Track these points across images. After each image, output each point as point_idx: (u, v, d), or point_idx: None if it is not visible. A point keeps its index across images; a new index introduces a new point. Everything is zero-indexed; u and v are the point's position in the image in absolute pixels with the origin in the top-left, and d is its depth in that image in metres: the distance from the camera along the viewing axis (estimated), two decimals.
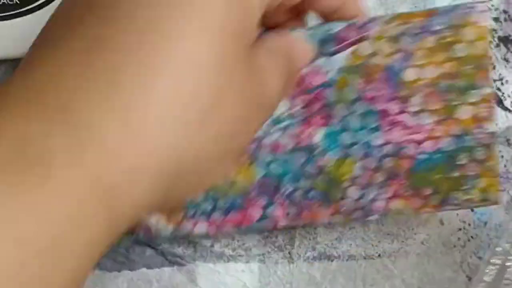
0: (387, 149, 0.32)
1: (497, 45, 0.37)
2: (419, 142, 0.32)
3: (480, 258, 0.36)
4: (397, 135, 0.32)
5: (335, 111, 0.32)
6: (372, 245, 0.37)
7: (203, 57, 0.20)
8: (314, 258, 0.37)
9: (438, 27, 0.31)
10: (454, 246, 0.36)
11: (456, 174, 0.32)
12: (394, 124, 0.32)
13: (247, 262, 0.36)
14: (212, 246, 0.37)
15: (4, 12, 0.32)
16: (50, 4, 0.32)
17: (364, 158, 0.33)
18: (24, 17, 0.32)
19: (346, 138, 0.32)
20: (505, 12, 0.38)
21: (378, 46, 0.31)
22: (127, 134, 0.19)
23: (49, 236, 0.17)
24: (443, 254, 0.36)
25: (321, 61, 0.32)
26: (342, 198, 0.33)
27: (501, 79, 0.37)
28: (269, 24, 0.30)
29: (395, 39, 0.31)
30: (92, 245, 0.19)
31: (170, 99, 0.20)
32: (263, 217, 0.34)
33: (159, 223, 0.34)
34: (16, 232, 0.17)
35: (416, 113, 0.32)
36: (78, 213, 0.18)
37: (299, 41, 0.30)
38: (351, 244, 0.37)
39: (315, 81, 0.32)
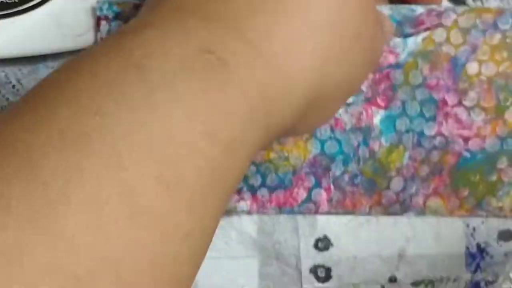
0: (437, 141, 0.32)
1: None
2: (467, 139, 0.32)
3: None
4: (449, 128, 0.32)
5: (398, 94, 0.31)
6: None
7: None
8: None
9: (505, 26, 0.31)
10: None
11: (493, 178, 0.33)
12: (448, 116, 0.32)
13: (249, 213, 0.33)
14: None
15: (2, 11, 0.31)
16: (49, 2, 0.31)
17: (414, 148, 0.32)
18: (23, 15, 0.31)
19: (402, 124, 0.31)
20: None
21: (450, 35, 0.31)
22: (289, 53, 0.21)
23: (230, 134, 0.18)
24: None
25: (396, 41, 0.30)
26: (386, 188, 0.32)
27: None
28: None
29: (465, 31, 0.31)
30: (253, 149, 0.20)
31: (325, 28, 0.22)
32: (306, 200, 0.31)
33: None
34: (206, 127, 0.18)
35: (470, 108, 0.32)
36: (250, 116, 0.19)
37: (386, 17, 0.29)
38: None
39: (387, 60, 0.31)
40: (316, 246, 0.33)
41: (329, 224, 0.32)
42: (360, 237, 0.33)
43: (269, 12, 0.21)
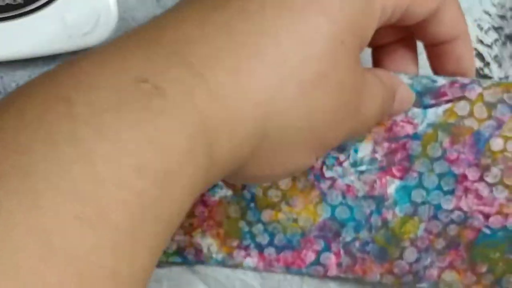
0: (455, 215, 0.31)
1: (504, 43, 0.36)
2: (487, 216, 0.31)
3: None
4: (468, 203, 0.31)
5: (415, 166, 0.31)
6: None
7: (322, 31, 0.21)
8: None
9: None
10: None
11: None
12: (468, 191, 0.31)
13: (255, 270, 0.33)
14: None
15: (8, 12, 0.31)
16: (53, 4, 0.31)
17: (430, 220, 0.31)
18: (28, 17, 0.31)
19: (418, 195, 0.31)
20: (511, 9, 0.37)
21: (473, 109, 0.30)
22: (236, 84, 0.20)
23: (164, 166, 0.18)
24: None
25: (415, 111, 0.30)
26: (398, 258, 0.31)
27: (507, 77, 0.36)
28: (376, 43, 0.29)
29: (491, 105, 0.30)
30: (193, 184, 0.19)
31: (280, 62, 0.21)
32: (315, 262, 0.31)
33: (211, 248, 0.31)
34: (135, 160, 0.17)
35: (492, 184, 0.31)
36: (187, 147, 0.18)
37: (404, 85, 0.29)
38: None
39: (404, 130, 0.30)
40: None
41: (335, 285, 0.32)
42: None
43: (216, 39, 0.20)
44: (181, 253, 0.32)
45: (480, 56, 0.32)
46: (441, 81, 0.30)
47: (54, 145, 0.17)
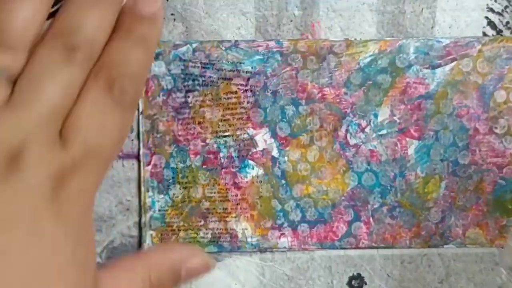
0: (472, 170, 0.32)
1: None
2: (501, 167, 0.32)
3: None
4: (482, 156, 0.32)
5: (430, 124, 0.31)
6: None
7: None
8: None
9: None
10: None
11: None
12: (481, 144, 0.32)
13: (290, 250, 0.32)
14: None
15: None
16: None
17: (449, 177, 0.32)
18: None
19: (436, 153, 0.32)
20: None
21: (476, 64, 0.31)
22: None
23: None
24: None
25: (425, 72, 0.31)
26: (424, 220, 0.32)
27: None
28: None
29: (490, 60, 0.32)
30: None
31: None
32: (347, 234, 0.31)
33: (246, 232, 0.30)
34: None
35: (502, 135, 0.32)
36: None
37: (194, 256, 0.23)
38: None
39: (417, 91, 0.31)
40: (350, 284, 0.32)
41: (363, 263, 0.32)
42: (393, 276, 0.32)
43: None
44: (216, 242, 0.31)
45: (491, 24, 0.34)
46: (445, 41, 0.31)
47: None
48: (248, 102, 0.31)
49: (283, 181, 0.31)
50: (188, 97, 0.31)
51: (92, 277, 0.19)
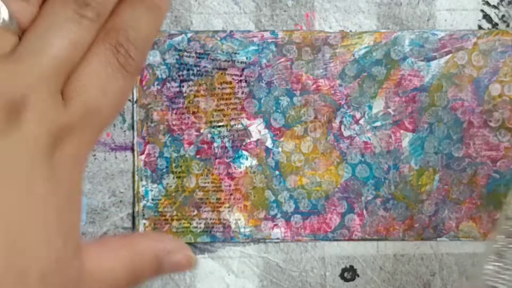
0: (466, 163, 0.32)
1: (510, 3, 0.32)
2: (495, 160, 0.32)
3: None
4: (476, 149, 0.32)
5: (424, 117, 0.31)
6: None
7: None
8: None
9: None
10: None
11: None
12: (475, 137, 0.32)
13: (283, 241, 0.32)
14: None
15: None
16: None
17: (443, 170, 0.32)
18: None
19: (430, 146, 0.32)
20: None
21: (471, 57, 0.31)
22: None
23: None
24: None
25: (420, 65, 0.31)
26: (418, 213, 0.32)
27: None
28: None
29: (486, 53, 0.32)
30: None
31: None
32: (340, 226, 0.31)
33: (239, 222, 0.30)
34: None
35: (496, 129, 0.32)
36: None
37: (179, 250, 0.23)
38: None
39: (412, 83, 0.31)
40: (342, 276, 0.32)
41: (356, 255, 0.32)
42: (386, 269, 0.32)
43: None
44: (209, 232, 0.31)
45: (487, 17, 0.33)
46: (440, 33, 0.31)
47: None
48: (242, 93, 0.31)
49: (277, 172, 0.31)
50: (183, 86, 0.31)
51: (75, 244, 0.19)
